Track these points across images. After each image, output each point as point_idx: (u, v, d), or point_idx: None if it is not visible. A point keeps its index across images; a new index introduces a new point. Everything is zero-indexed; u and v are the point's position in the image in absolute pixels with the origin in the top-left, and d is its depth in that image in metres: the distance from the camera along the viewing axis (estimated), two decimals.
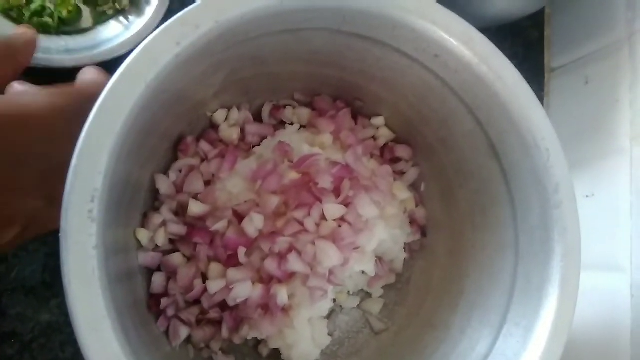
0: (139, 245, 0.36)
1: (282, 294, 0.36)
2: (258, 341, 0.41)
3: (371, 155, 0.42)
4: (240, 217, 0.36)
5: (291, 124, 0.42)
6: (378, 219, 0.39)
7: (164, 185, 0.37)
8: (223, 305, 0.37)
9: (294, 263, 0.36)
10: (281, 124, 0.42)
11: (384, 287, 0.44)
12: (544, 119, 0.31)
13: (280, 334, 0.38)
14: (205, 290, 0.36)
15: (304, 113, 0.42)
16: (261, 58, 0.34)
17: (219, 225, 0.36)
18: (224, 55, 0.31)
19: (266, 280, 0.36)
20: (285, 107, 0.42)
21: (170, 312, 0.36)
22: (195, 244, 0.37)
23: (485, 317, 0.35)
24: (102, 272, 0.24)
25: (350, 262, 0.37)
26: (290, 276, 0.37)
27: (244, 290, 0.35)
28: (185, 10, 0.27)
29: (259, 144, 0.41)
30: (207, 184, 0.38)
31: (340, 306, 0.43)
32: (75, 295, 0.23)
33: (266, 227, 0.36)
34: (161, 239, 0.36)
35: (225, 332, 0.37)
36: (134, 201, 0.34)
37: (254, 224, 0.35)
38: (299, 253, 0.36)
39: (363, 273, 0.41)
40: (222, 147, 0.39)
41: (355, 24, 0.31)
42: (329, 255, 0.36)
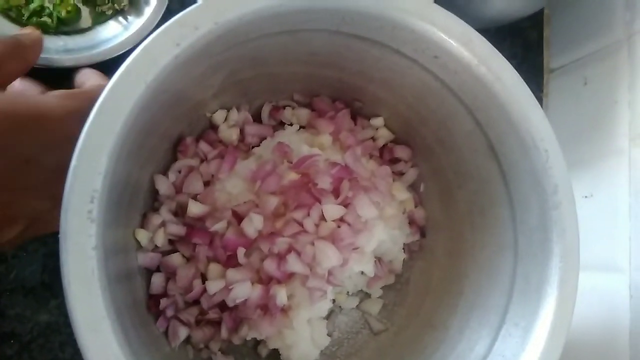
0: (139, 245, 0.36)
1: (281, 295, 0.36)
2: (257, 342, 0.41)
3: (370, 156, 0.42)
4: (239, 217, 0.36)
5: (290, 124, 0.42)
6: (377, 219, 0.39)
7: (164, 185, 0.37)
8: (222, 306, 0.37)
9: (293, 263, 0.36)
10: (280, 124, 0.42)
11: (383, 288, 0.44)
12: (543, 119, 0.31)
13: (280, 335, 0.38)
14: (205, 290, 0.36)
15: (303, 114, 0.42)
16: (260, 59, 0.34)
17: (218, 226, 0.36)
18: (223, 56, 0.31)
19: (265, 281, 0.36)
20: (284, 107, 0.42)
21: (170, 312, 0.36)
22: (195, 244, 0.37)
23: (484, 317, 0.35)
24: (101, 272, 0.24)
25: (349, 262, 0.38)
26: (290, 277, 0.37)
27: (243, 290, 0.35)
28: (184, 12, 0.27)
29: (258, 145, 0.41)
30: (206, 184, 0.38)
31: (340, 307, 0.43)
32: (75, 295, 0.23)
33: (265, 228, 0.36)
34: (160, 239, 0.36)
35: (224, 332, 0.38)
36: (134, 202, 0.34)
37: (253, 224, 0.35)
38: (298, 253, 0.36)
39: (362, 273, 0.41)
40: (221, 148, 0.39)
41: (354, 24, 0.31)
42: (328, 256, 0.36)
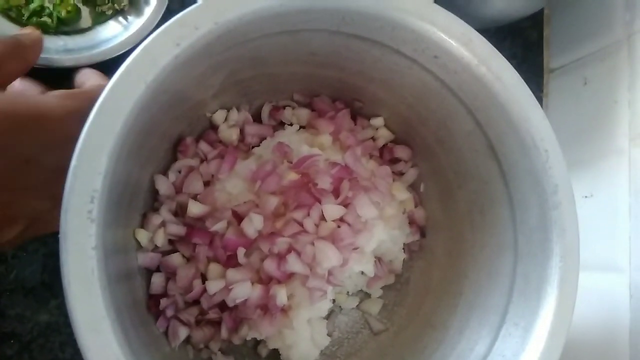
0: (139, 245, 0.36)
1: (281, 295, 0.36)
2: (257, 342, 0.41)
3: (370, 156, 0.42)
4: (239, 217, 0.36)
5: (290, 124, 0.42)
6: (377, 219, 0.39)
7: (164, 185, 0.37)
8: (222, 306, 0.37)
9: (293, 263, 0.36)
10: (280, 124, 0.42)
11: (383, 288, 0.44)
12: (543, 119, 0.31)
13: (280, 335, 0.38)
14: (205, 290, 0.36)
15: (303, 114, 0.42)
16: (260, 59, 0.34)
17: (218, 226, 0.36)
18: (223, 56, 0.31)
19: (265, 281, 0.36)
20: (284, 107, 0.42)
21: (170, 312, 0.36)
22: (195, 244, 0.37)
23: (484, 317, 0.35)
24: (101, 272, 0.24)
25: (349, 262, 0.38)
26: (290, 277, 0.37)
27: (243, 290, 0.35)
28: (184, 12, 0.27)
29: (258, 145, 0.41)
30: (206, 184, 0.38)
31: (340, 307, 0.43)
32: (75, 295, 0.23)
33: (265, 228, 0.36)
34: (160, 239, 0.36)
35: (224, 332, 0.38)
36: (134, 202, 0.34)
37: (254, 224, 0.35)
38: (298, 253, 0.36)
39: (362, 273, 0.41)
40: (221, 148, 0.39)
41: (354, 24, 0.31)
42: (328, 256, 0.36)
